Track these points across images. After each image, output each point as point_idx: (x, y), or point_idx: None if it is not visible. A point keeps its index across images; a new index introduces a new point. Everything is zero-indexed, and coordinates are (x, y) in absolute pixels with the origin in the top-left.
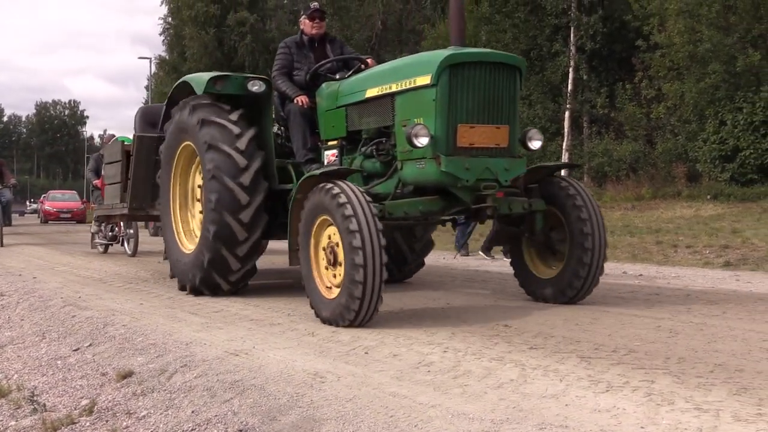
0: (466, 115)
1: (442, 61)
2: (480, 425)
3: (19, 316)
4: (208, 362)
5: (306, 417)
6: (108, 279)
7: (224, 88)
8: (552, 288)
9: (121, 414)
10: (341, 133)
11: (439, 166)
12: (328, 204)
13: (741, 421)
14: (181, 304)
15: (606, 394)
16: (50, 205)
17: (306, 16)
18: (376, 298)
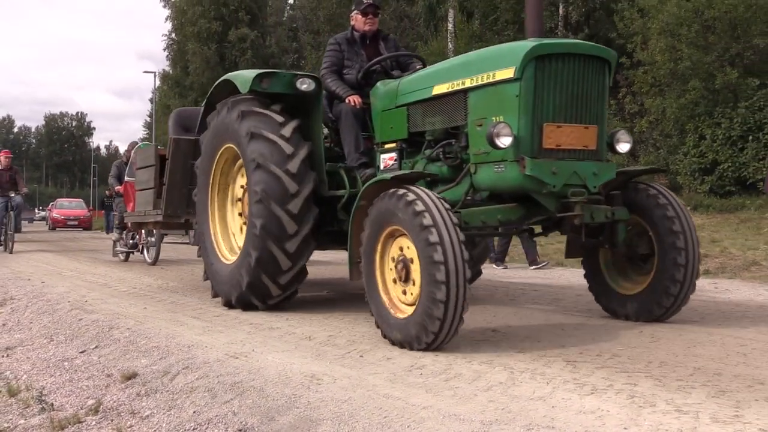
0: (552, 113)
1: (527, 52)
2: (470, 426)
3: (28, 319)
4: (209, 364)
5: (303, 417)
6: (113, 284)
7: (271, 86)
8: (636, 305)
9: (125, 414)
10: (401, 134)
11: (522, 169)
12: (401, 212)
13: (719, 423)
14: (183, 309)
15: (591, 397)
16: (58, 212)
17: (358, 11)
18: (458, 318)
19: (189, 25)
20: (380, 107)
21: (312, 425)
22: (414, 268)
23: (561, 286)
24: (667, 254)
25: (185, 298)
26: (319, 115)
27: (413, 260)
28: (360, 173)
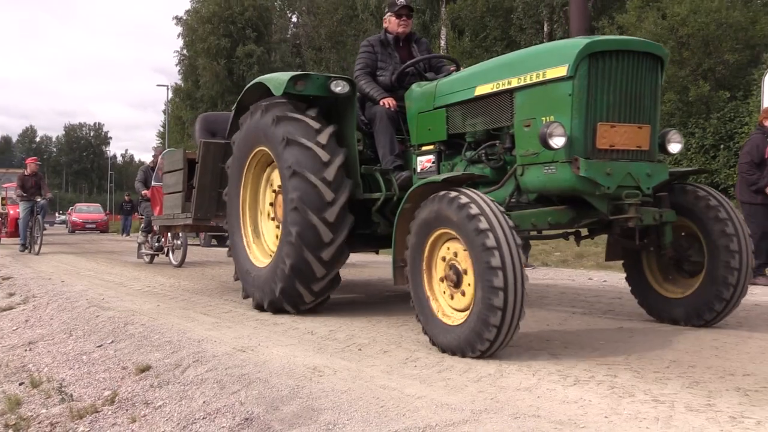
0: (606, 112)
1: (581, 49)
2: (461, 415)
3: (49, 315)
4: (218, 358)
5: (306, 407)
6: (128, 283)
7: (305, 88)
8: (684, 309)
9: (139, 404)
10: (440, 136)
11: (576, 170)
12: (453, 215)
13: (693, 411)
14: (194, 306)
15: (574, 387)
16: (77, 216)
17: (392, 12)
18: (515, 325)
19: (199, 41)
20: (416, 109)
21: (314, 414)
22: (465, 273)
23: (546, 285)
24: (719, 257)
25: (196, 296)
26: (353, 117)
27: (465, 265)
28: (395, 176)
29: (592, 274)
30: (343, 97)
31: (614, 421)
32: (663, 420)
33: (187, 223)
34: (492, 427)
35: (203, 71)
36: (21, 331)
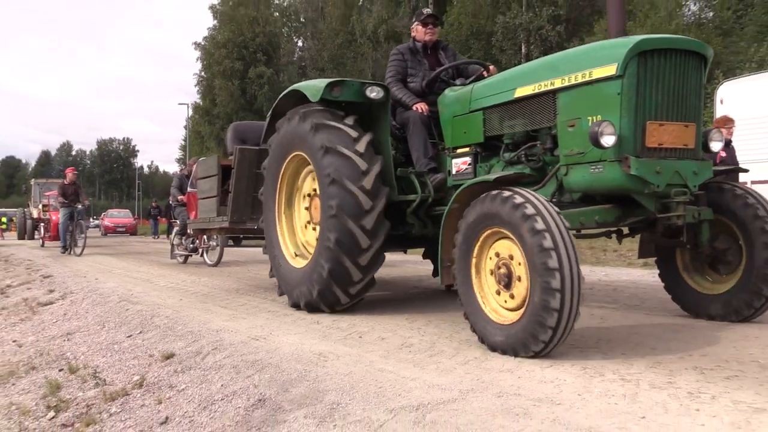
0: (655, 110)
1: (631, 48)
2: (450, 394)
3: (84, 309)
4: (234, 345)
5: (313, 388)
6: (154, 280)
7: (342, 94)
8: (722, 305)
9: (165, 387)
10: (477, 138)
11: (627, 169)
12: (506, 215)
13: (656, 389)
14: (213, 300)
15: (550, 368)
16: (109, 221)
17: (419, 22)
18: (570, 327)
19: (216, 64)
20: (451, 113)
21: (320, 395)
22: (518, 273)
23: None
24: (757, 254)
25: (214, 291)
26: (386, 122)
27: (517, 264)
28: (430, 178)
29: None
30: (377, 103)
31: (586, 398)
32: (629, 396)
33: (224, 226)
34: (478, 404)
35: (219, 91)
36: (60, 323)
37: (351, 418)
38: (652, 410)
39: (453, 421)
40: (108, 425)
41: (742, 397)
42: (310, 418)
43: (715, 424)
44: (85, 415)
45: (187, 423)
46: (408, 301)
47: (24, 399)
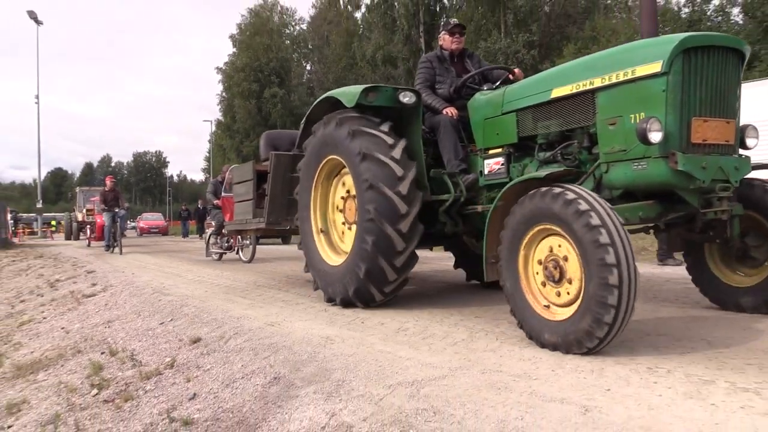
0: (699, 107)
1: (677, 45)
2: (441, 371)
3: (123, 300)
4: (252, 331)
5: (321, 368)
6: (183, 274)
7: (376, 99)
8: (753, 298)
9: (192, 367)
10: (510, 139)
11: (674, 165)
12: (558, 211)
13: (620, 365)
14: (234, 291)
15: (528, 348)
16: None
17: (446, 31)
18: (626, 323)
19: (235, 86)
20: (482, 116)
21: (327, 373)
22: (569, 270)
23: None
24: None
25: (235, 284)
26: (418, 126)
27: (569, 260)
28: (462, 178)
29: None
30: (408, 108)
31: (559, 373)
32: (597, 371)
33: (260, 227)
34: (465, 380)
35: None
36: (101, 312)
37: (354, 393)
38: (616, 383)
39: (443, 394)
40: (144, 401)
41: (693, 370)
42: (318, 394)
43: (670, 394)
44: (124, 392)
45: (212, 398)
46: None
47: (71, 378)
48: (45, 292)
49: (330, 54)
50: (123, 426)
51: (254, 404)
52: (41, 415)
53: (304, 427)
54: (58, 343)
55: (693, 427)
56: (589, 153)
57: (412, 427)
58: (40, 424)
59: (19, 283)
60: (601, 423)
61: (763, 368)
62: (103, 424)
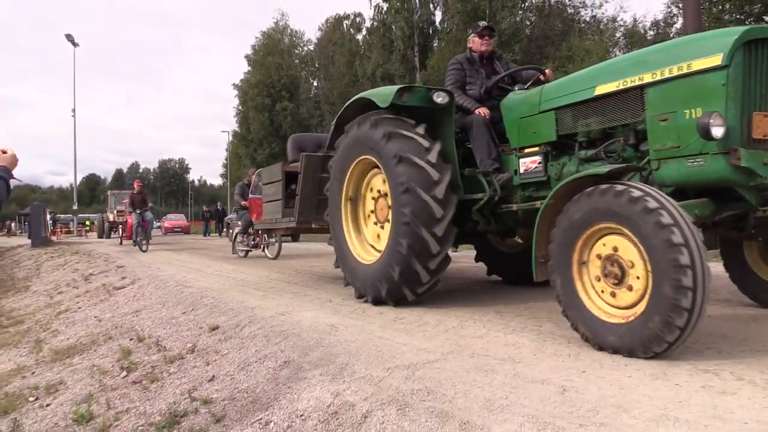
0: (760, 101)
1: (738, 37)
2: (434, 355)
3: (149, 292)
4: (265, 319)
5: (327, 352)
6: (203, 269)
7: (410, 99)
8: None
9: (211, 352)
10: (548, 137)
11: (737, 161)
12: (622, 209)
13: (594, 349)
14: (248, 284)
15: (512, 334)
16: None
17: (475, 33)
18: (696, 326)
19: (250, 100)
20: (517, 115)
21: (332, 357)
22: (632, 270)
23: None
24: None
25: (249, 277)
26: (451, 126)
27: (632, 261)
28: (496, 177)
29: None
30: (441, 108)
31: (540, 357)
32: (574, 355)
33: (290, 226)
34: (455, 363)
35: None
36: (130, 303)
37: (356, 375)
38: (591, 366)
39: (436, 376)
40: (168, 382)
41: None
42: (324, 376)
43: (639, 375)
44: (150, 374)
45: (229, 380)
46: None
47: (103, 362)
48: (80, 285)
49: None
50: (149, 404)
51: (266, 385)
52: (76, 394)
53: (311, 406)
54: (91, 331)
55: (659, 405)
56: (635, 150)
57: (408, 405)
58: (75, 403)
59: (57, 276)
60: (577, 401)
61: (721, 351)
62: (132, 402)
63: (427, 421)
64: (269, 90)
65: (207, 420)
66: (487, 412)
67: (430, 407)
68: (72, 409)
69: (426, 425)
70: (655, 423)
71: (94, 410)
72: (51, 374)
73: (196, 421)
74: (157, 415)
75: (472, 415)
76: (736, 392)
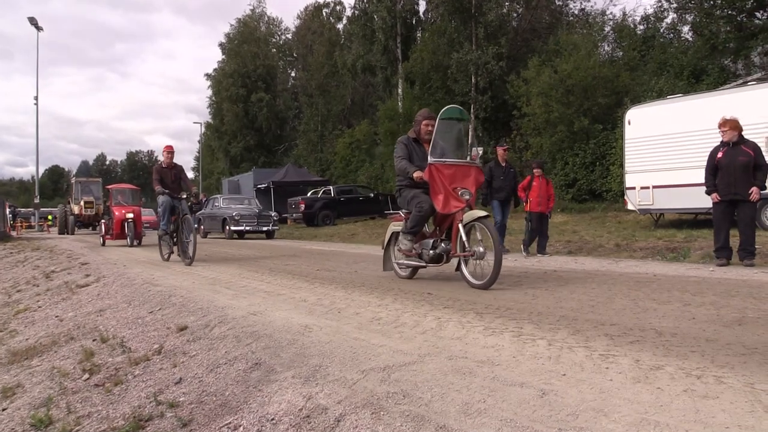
0: None
1: None
2: (411, 357)
3: (114, 290)
4: (236, 319)
5: (299, 354)
6: (172, 266)
7: None
8: None
9: (179, 354)
10: None
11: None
12: None
13: (575, 352)
14: (219, 283)
15: (491, 336)
16: None
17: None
18: None
19: (224, 91)
20: None
21: (305, 359)
22: None
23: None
24: None
25: (221, 276)
26: None
27: None
28: None
29: (506, 256)
30: None
31: (519, 359)
32: (554, 358)
33: None
34: (433, 366)
35: (226, 112)
36: (94, 301)
37: (330, 378)
38: (571, 369)
39: (413, 379)
40: (132, 384)
41: (642, 357)
42: (297, 378)
43: (620, 378)
44: (114, 377)
45: (197, 383)
46: (379, 283)
47: (64, 363)
48: (40, 283)
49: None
50: (112, 408)
51: (236, 388)
52: (34, 398)
53: (282, 409)
54: (52, 331)
55: (640, 409)
56: None
57: (383, 409)
58: (34, 407)
59: (16, 273)
60: (556, 405)
61: (704, 355)
62: (94, 406)
63: (402, 425)
64: (244, 80)
65: (173, 424)
66: (465, 416)
67: (406, 411)
68: (30, 414)
69: (401, 429)
70: (635, 427)
71: (53, 414)
72: (8, 377)
73: (162, 425)
74: (121, 419)
75: (449, 419)
76: (718, 396)
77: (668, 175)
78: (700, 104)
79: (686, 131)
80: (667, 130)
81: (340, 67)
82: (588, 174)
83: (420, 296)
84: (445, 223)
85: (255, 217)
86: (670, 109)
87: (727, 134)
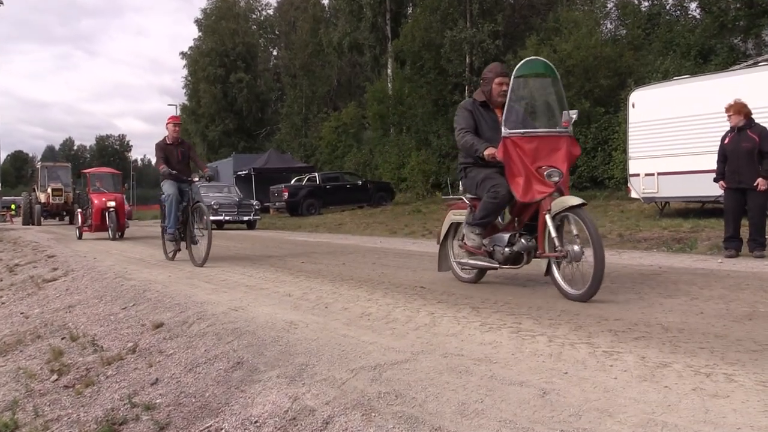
0: None
1: None
2: (403, 355)
3: (84, 285)
4: (216, 316)
5: (284, 352)
6: (146, 259)
7: None
8: None
9: (155, 352)
10: None
11: None
12: None
13: (578, 348)
14: (198, 276)
15: (489, 332)
16: None
17: None
18: None
19: (200, 70)
20: None
21: (290, 357)
22: None
23: None
24: None
25: (199, 269)
26: None
27: None
28: None
29: None
30: None
31: (519, 357)
32: (555, 355)
33: None
34: (427, 364)
35: (204, 93)
36: (62, 297)
37: (317, 377)
38: (573, 367)
39: (405, 378)
40: (105, 386)
41: (648, 354)
42: (282, 378)
43: (625, 377)
44: (85, 378)
45: (175, 383)
46: (368, 277)
47: (30, 364)
48: (3, 277)
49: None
50: (83, 411)
51: (217, 389)
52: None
53: (267, 411)
54: (17, 329)
55: (647, 409)
56: None
57: (374, 410)
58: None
59: None
60: (558, 405)
61: (714, 352)
62: (63, 409)
63: (395, 427)
64: (222, 59)
65: (149, 428)
66: (461, 417)
67: (399, 412)
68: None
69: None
70: (642, 428)
71: (19, 419)
72: None
73: (137, 429)
74: (93, 423)
75: (445, 421)
76: (729, 395)
77: (674, 161)
78: (708, 86)
79: (693, 115)
80: (673, 113)
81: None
82: (589, 160)
83: (412, 290)
84: (525, 214)
85: (235, 206)
86: (676, 91)
87: (732, 119)
